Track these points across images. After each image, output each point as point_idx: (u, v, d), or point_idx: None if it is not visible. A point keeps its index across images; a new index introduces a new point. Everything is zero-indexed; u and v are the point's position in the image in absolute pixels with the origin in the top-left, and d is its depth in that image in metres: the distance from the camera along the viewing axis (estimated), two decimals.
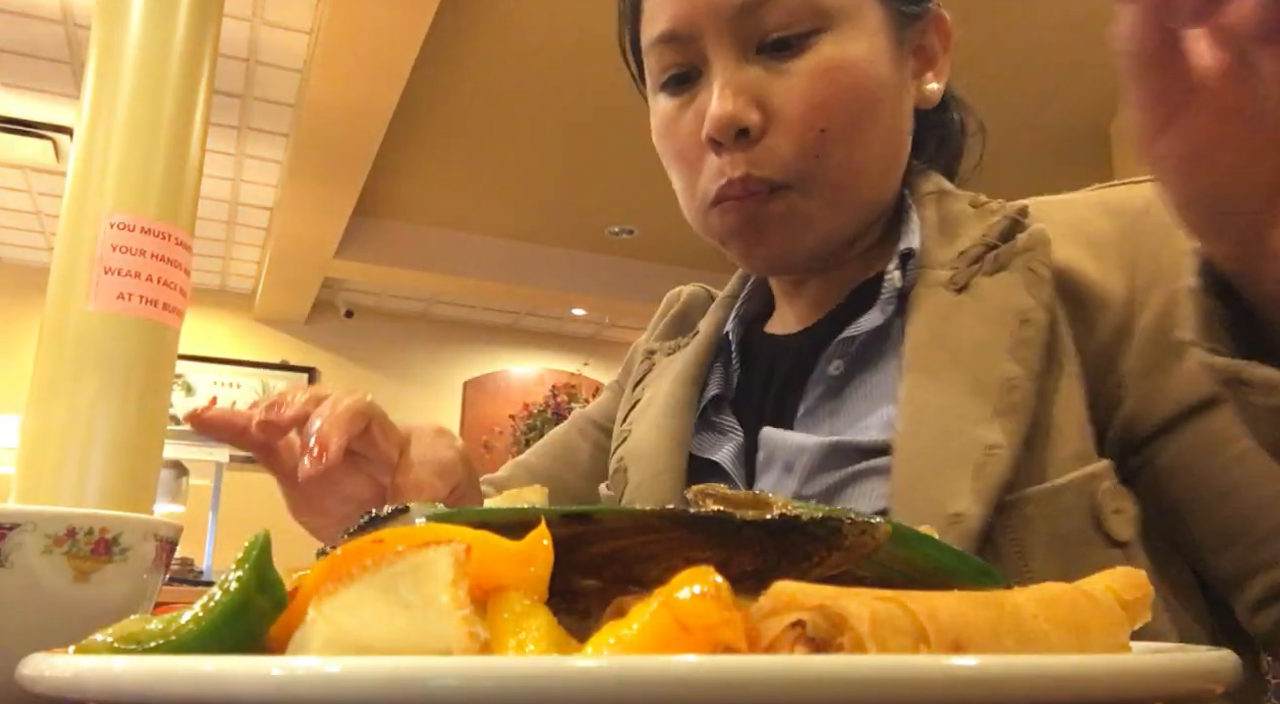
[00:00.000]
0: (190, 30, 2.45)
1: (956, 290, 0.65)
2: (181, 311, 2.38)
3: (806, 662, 0.20)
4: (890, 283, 0.67)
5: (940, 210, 0.71)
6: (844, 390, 0.67)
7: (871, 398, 0.65)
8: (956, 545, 0.50)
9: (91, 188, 2.30)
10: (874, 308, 0.67)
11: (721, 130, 0.65)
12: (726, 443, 0.72)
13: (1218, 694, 0.24)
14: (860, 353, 0.68)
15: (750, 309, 0.82)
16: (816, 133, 0.65)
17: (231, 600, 0.26)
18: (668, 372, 0.81)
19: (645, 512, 0.28)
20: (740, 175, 0.65)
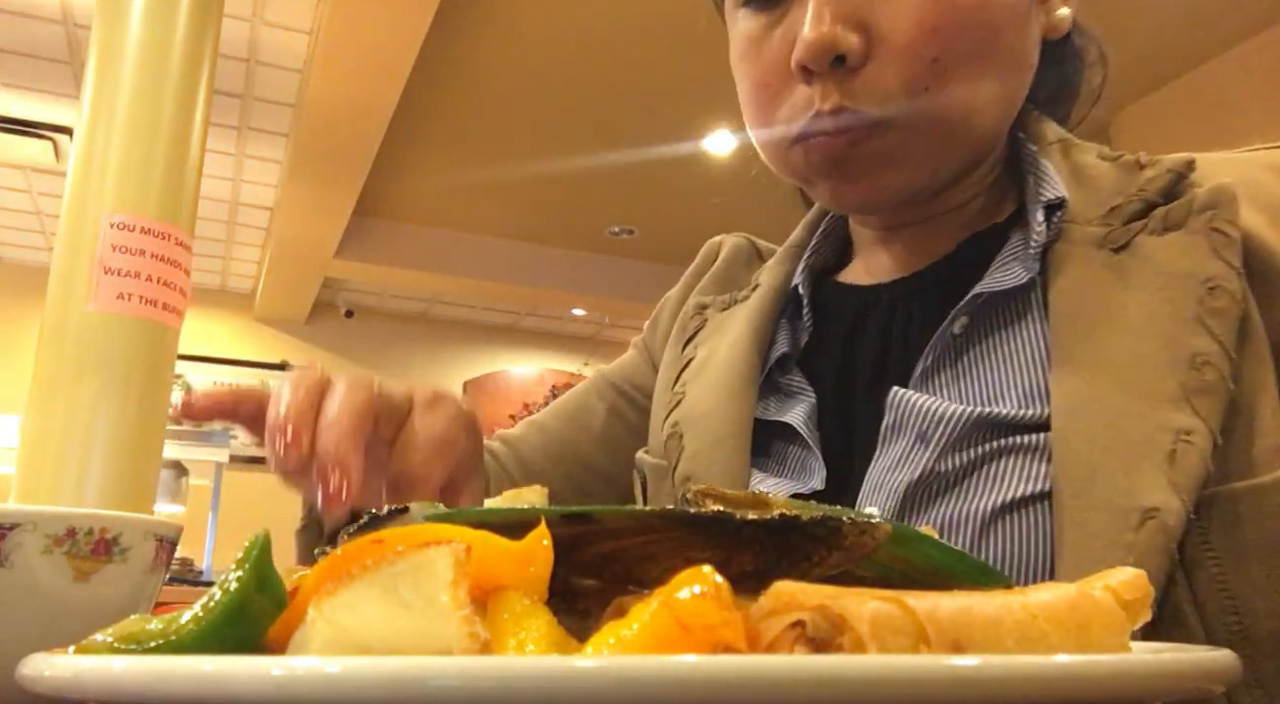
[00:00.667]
0: (190, 30, 2.45)
1: (1114, 250, 0.57)
2: (181, 311, 2.38)
3: (806, 662, 0.20)
4: (1038, 233, 0.59)
5: (1069, 160, 0.63)
6: (967, 352, 0.60)
7: (1006, 364, 0.58)
8: (1150, 544, 0.47)
9: (91, 188, 2.30)
10: (1011, 262, 0.60)
11: (816, 56, 0.56)
12: (796, 405, 0.66)
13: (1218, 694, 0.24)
14: (985, 311, 0.60)
15: (819, 260, 0.74)
16: (928, 62, 0.56)
17: (231, 600, 0.26)
18: (726, 329, 0.73)
19: (645, 512, 0.28)
20: (832, 107, 0.58)
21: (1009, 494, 0.53)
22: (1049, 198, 0.60)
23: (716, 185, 4.91)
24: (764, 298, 0.72)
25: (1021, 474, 0.53)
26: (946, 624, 0.23)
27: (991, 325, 0.60)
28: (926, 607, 0.23)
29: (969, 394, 0.58)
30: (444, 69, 3.99)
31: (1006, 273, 0.59)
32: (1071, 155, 0.64)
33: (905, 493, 0.56)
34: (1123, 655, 0.24)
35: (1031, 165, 0.64)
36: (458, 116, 4.44)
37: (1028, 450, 0.54)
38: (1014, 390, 0.57)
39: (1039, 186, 0.61)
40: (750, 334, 0.70)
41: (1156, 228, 0.56)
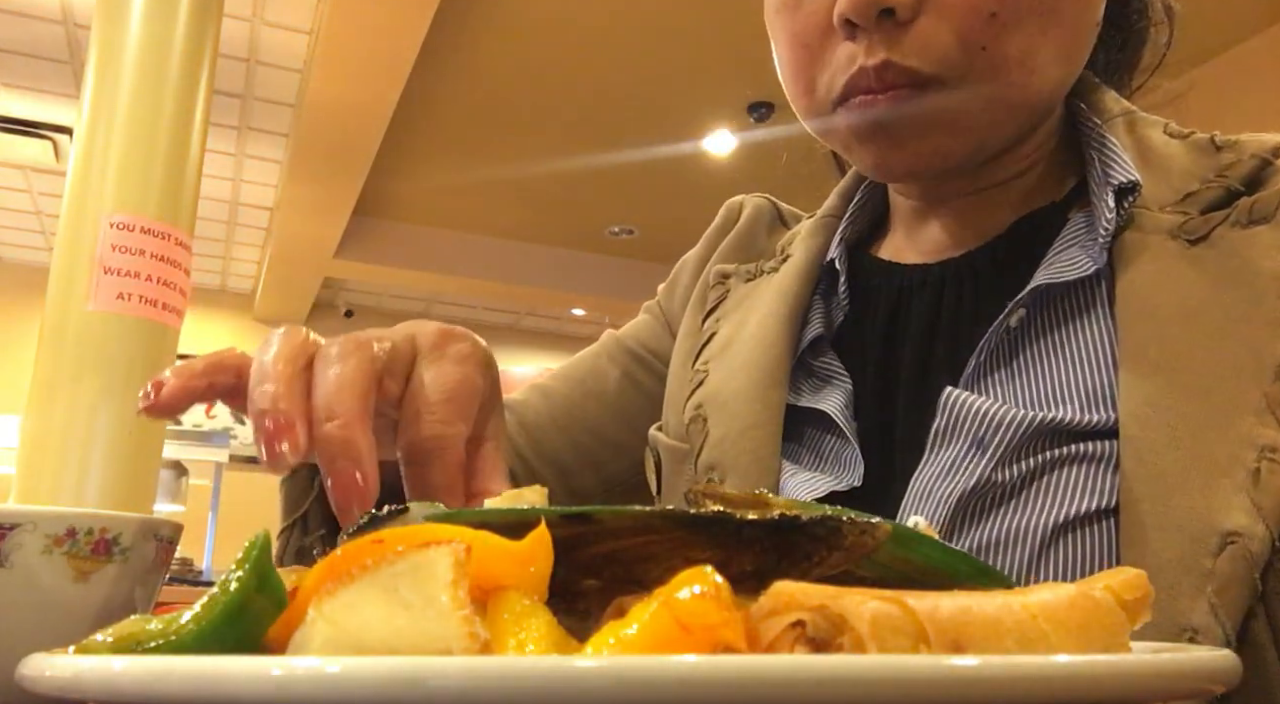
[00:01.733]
0: (190, 30, 2.45)
1: (1190, 242, 0.52)
2: (181, 311, 2.38)
3: (806, 662, 0.20)
4: (1108, 220, 0.54)
5: (1135, 137, 0.58)
6: (1025, 348, 0.55)
7: (1068, 363, 0.53)
8: (1231, 573, 0.43)
9: (91, 188, 2.30)
10: (1072, 249, 0.55)
11: (862, 7, 0.52)
12: (832, 391, 0.62)
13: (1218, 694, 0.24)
14: (1045, 303, 0.55)
15: (855, 232, 0.68)
16: (985, 18, 0.52)
17: (231, 600, 0.26)
18: (753, 303, 0.68)
19: (646, 512, 0.28)
20: (877, 63, 0.53)
21: (1072, 509, 0.49)
22: (1121, 180, 0.54)
23: (716, 185, 4.91)
24: (796, 272, 0.66)
25: (1086, 487, 0.49)
26: (946, 624, 0.23)
27: (1052, 319, 0.55)
28: (926, 607, 0.23)
29: (1027, 396, 0.53)
30: (444, 69, 3.99)
31: (1069, 262, 0.54)
32: (1138, 130, 0.59)
33: (958, 503, 0.51)
34: (1123, 655, 0.24)
35: (1095, 141, 0.59)
36: (458, 116, 4.44)
37: (1093, 460, 0.49)
38: (1078, 393, 0.52)
39: (1106, 167, 0.56)
40: (783, 312, 0.64)
41: (1241, 220, 0.51)
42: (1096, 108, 0.61)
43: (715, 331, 0.69)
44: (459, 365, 0.46)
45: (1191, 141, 0.57)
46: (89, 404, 2.19)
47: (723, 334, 0.68)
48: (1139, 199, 0.54)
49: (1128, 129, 0.59)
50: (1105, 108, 0.61)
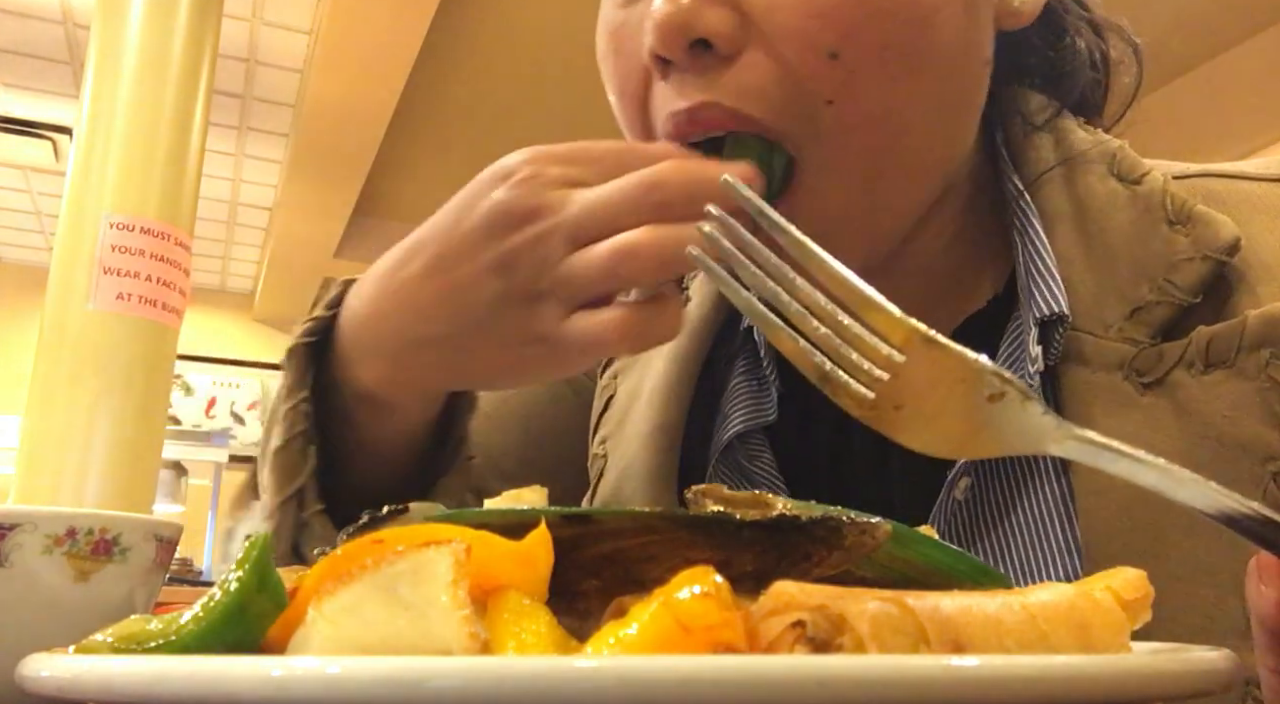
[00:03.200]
0: (190, 30, 2.45)
1: (1144, 386, 0.43)
2: (181, 312, 2.38)
3: (806, 662, 0.20)
4: (1033, 369, 0.45)
5: (1073, 197, 0.48)
6: (979, 526, 0.47)
7: (1026, 546, 0.45)
8: None
9: (91, 188, 2.30)
10: None
11: (669, 38, 0.42)
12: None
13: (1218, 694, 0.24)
14: (996, 462, 0.47)
15: None
16: (823, 58, 0.41)
17: (231, 600, 0.26)
18: (648, 361, 0.57)
19: (646, 513, 0.28)
20: (691, 105, 0.43)
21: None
22: (1044, 312, 0.45)
23: None
24: (693, 329, 0.55)
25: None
26: (946, 624, 0.23)
27: (1001, 487, 0.47)
28: (926, 607, 0.23)
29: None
30: (444, 69, 3.99)
31: None
32: (1077, 184, 0.48)
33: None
34: (1123, 655, 0.24)
35: (1019, 217, 0.48)
36: (458, 116, 4.44)
37: None
38: (1050, 570, 0.44)
39: (1031, 277, 0.46)
40: (675, 383, 0.54)
41: (1198, 362, 0.43)
42: (1025, 164, 0.50)
43: (613, 393, 0.59)
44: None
45: (1144, 193, 0.47)
46: (89, 404, 2.19)
47: (620, 400, 0.58)
48: (1078, 318, 0.45)
49: (1065, 182, 0.48)
50: (1035, 161, 0.50)
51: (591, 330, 0.39)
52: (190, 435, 4.37)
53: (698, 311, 0.56)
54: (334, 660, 0.20)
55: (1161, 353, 0.44)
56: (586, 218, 0.39)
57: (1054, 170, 0.49)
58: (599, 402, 0.60)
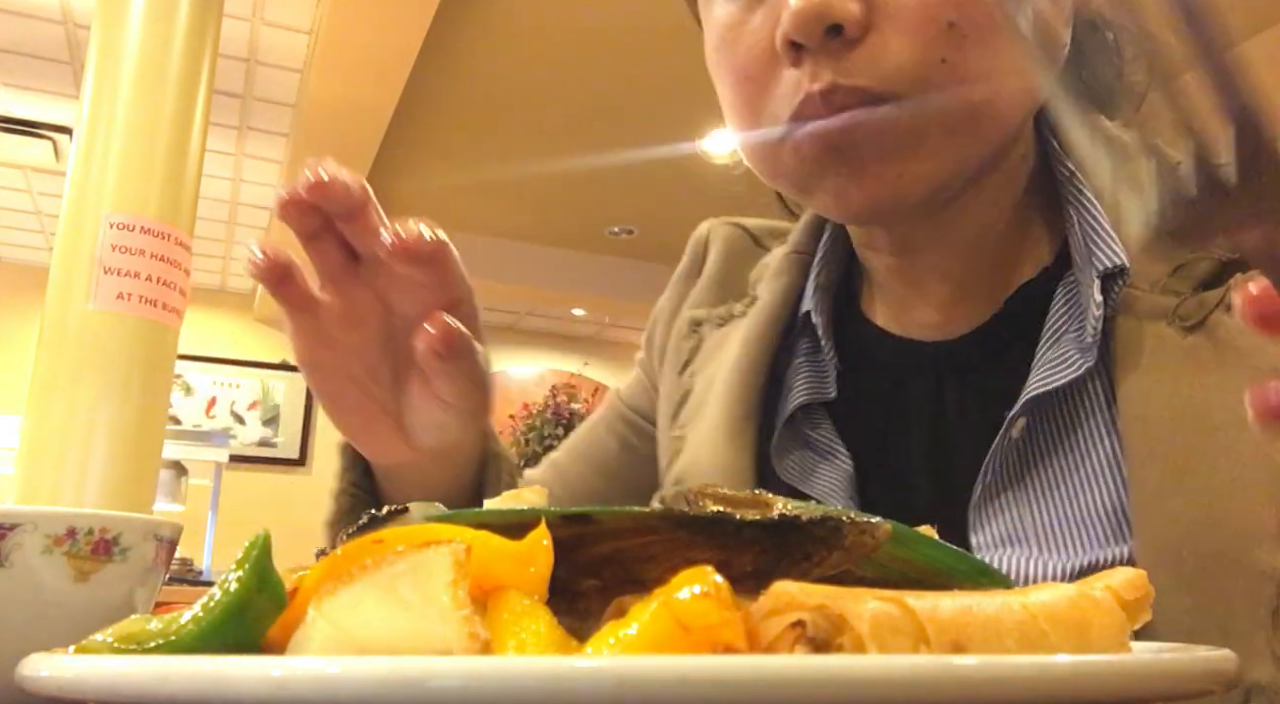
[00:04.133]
0: (190, 30, 2.45)
1: (1186, 328, 0.48)
2: (181, 311, 2.38)
3: (806, 662, 0.20)
4: (1096, 316, 0.49)
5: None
6: (1034, 463, 0.51)
7: (1079, 481, 0.50)
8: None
9: (91, 188, 2.30)
10: (1064, 339, 0.51)
11: (805, 25, 0.47)
12: (830, 470, 0.57)
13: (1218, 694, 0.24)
14: (1049, 407, 0.51)
15: (831, 275, 0.62)
16: (942, 27, 0.47)
17: (231, 600, 0.26)
18: (722, 355, 0.63)
19: (645, 512, 0.28)
20: (823, 87, 0.48)
21: None
22: (1106, 265, 0.50)
23: (716, 185, 4.91)
24: (764, 317, 0.61)
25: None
26: (946, 624, 0.23)
27: (1055, 428, 0.51)
28: (926, 607, 0.23)
29: (1041, 521, 0.50)
30: (444, 69, 3.99)
31: (1060, 360, 0.50)
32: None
33: None
34: (1123, 655, 0.24)
35: (1073, 195, 0.54)
36: (458, 116, 4.44)
37: None
38: (1093, 521, 0.48)
39: (1088, 237, 0.51)
40: (749, 367, 0.60)
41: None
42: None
43: (690, 388, 0.65)
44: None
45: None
46: (89, 404, 2.19)
47: (697, 391, 0.64)
48: (1131, 276, 0.50)
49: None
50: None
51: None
52: (190, 435, 4.37)
53: (768, 306, 0.62)
54: (334, 660, 0.20)
55: (1202, 300, 0.49)
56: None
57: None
58: (673, 401, 0.66)
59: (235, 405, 6.22)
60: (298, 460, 6.19)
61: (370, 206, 0.45)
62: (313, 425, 6.26)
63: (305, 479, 6.13)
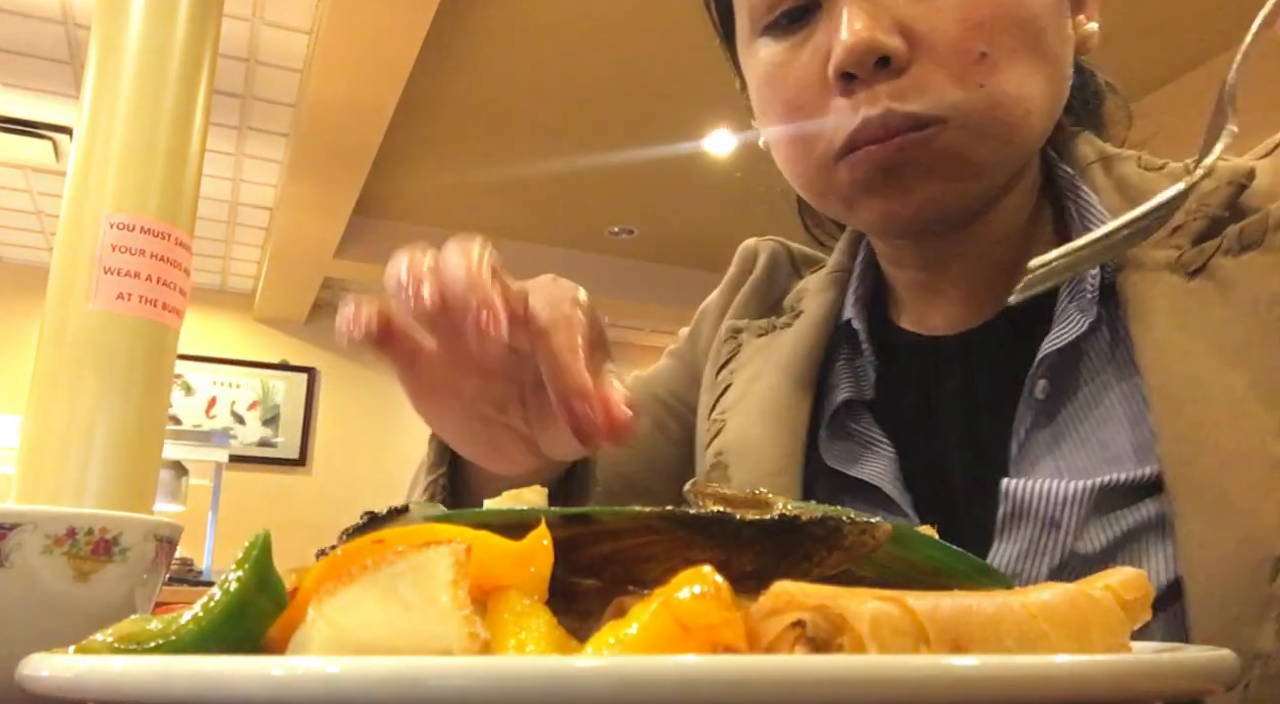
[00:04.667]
0: (190, 30, 2.45)
1: (1189, 274, 0.54)
2: (181, 311, 2.38)
3: (807, 662, 0.20)
4: (1093, 274, 0.56)
5: (1112, 178, 0.61)
6: (1060, 414, 0.57)
7: (1104, 419, 0.55)
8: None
9: (91, 188, 2.29)
10: (1068, 306, 0.57)
11: (859, 57, 0.53)
12: (874, 459, 0.62)
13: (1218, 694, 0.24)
14: (1064, 365, 0.57)
15: (865, 291, 0.69)
16: (976, 57, 0.53)
17: (231, 600, 0.26)
18: (765, 359, 0.69)
19: (645, 512, 0.28)
20: (881, 111, 0.54)
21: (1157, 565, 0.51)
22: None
23: (716, 185, 4.90)
24: (810, 327, 0.68)
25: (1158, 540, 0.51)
26: (946, 624, 0.23)
27: (1075, 380, 0.57)
28: (926, 607, 0.23)
29: (1076, 464, 0.55)
30: (444, 69, 3.99)
31: (1066, 323, 0.56)
32: (1113, 171, 0.61)
33: (1050, 580, 0.52)
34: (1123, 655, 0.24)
35: (1070, 191, 0.61)
36: (458, 116, 4.44)
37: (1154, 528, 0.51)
38: (1124, 449, 0.54)
39: (1084, 218, 0.59)
40: (798, 367, 0.66)
41: (1232, 247, 0.54)
42: (1070, 156, 0.63)
43: (730, 384, 0.70)
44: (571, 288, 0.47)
45: (1167, 173, 0.59)
46: (89, 404, 2.19)
47: (737, 387, 0.70)
48: None
49: (1103, 172, 0.61)
50: (1079, 155, 0.63)
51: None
52: (190, 435, 4.37)
53: (814, 317, 0.68)
54: (334, 660, 0.20)
55: (1201, 250, 0.54)
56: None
57: (1094, 164, 0.62)
58: (711, 395, 0.72)
59: (235, 405, 6.22)
60: (298, 460, 6.18)
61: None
62: (313, 425, 6.26)
63: (305, 479, 6.14)
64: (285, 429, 6.24)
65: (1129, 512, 0.52)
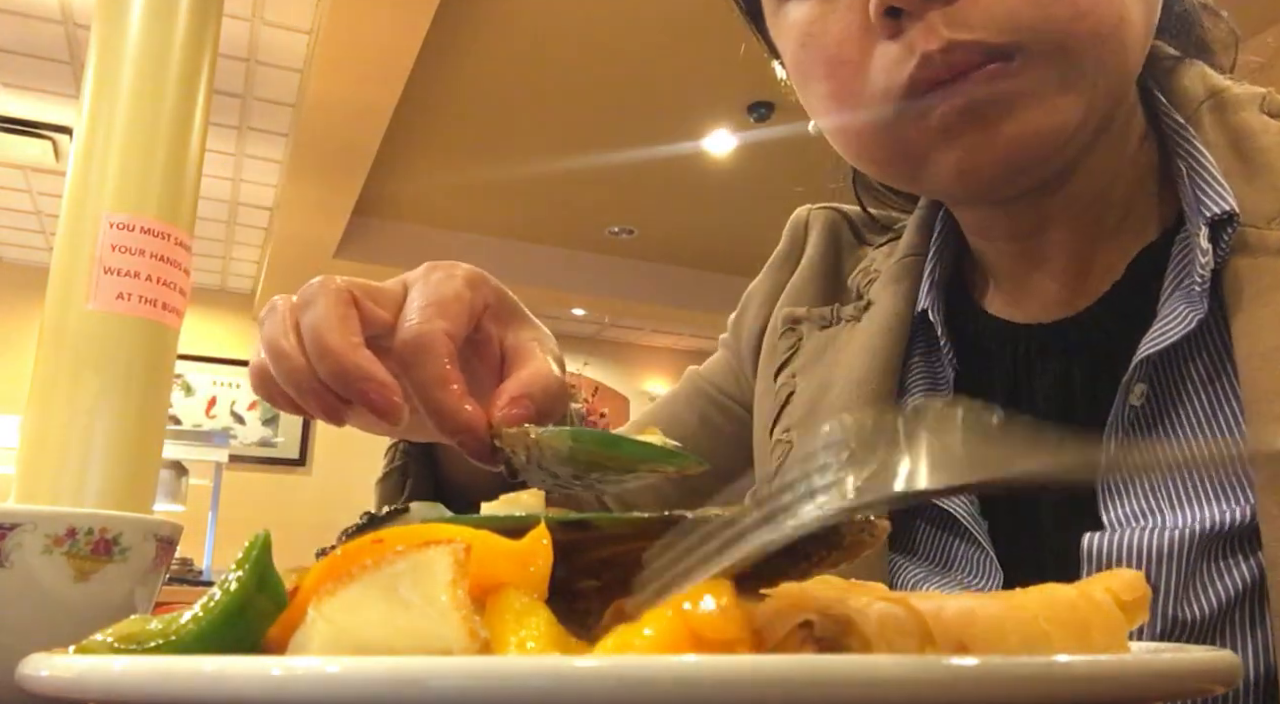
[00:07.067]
0: (190, 30, 2.45)
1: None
2: (181, 311, 2.38)
3: (807, 661, 0.20)
4: (1203, 264, 0.46)
5: (1226, 128, 0.51)
6: (1158, 425, 0.48)
7: (1205, 439, 0.47)
8: None
9: (91, 188, 2.29)
10: (1174, 296, 0.48)
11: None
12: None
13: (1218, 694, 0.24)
14: (1168, 368, 0.48)
15: (944, 272, 0.59)
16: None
17: (231, 600, 0.25)
18: (835, 359, 0.60)
19: (645, 518, 0.28)
20: (941, 45, 0.45)
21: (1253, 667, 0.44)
22: (1214, 211, 0.47)
23: (716, 185, 4.90)
24: (884, 327, 0.58)
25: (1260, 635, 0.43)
26: (951, 625, 0.23)
27: (1177, 386, 0.48)
28: (931, 608, 0.23)
29: (1179, 494, 0.47)
30: (444, 69, 3.99)
31: (1173, 316, 0.47)
32: (1229, 116, 0.51)
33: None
34: (1123, 655, 0.24)
35: (1183, 147, 0.51)
36: (458, 116, 4.44)
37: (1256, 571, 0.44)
38: (1231, 480, 0.45)
39: (1198, 187, 0.49)
40: (874, 377, 0.57)
41: None
42: (1177, 95, 0.53)
43: (793, 390, 0.62)
44: (442, 279, 0.47)
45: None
46: (89, 404, 2.19)
47: (803, 395, 0.61)
48: (1243, 217, 0.47)
49: (1217, 117, 0.51)
50: (1187, 93, 0.53)
51: None
52: (190, 435, 4.37)
53: (887, 315, 0.59)
54: (334, 660, 0.20)
55: None
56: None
57: (1204, 105, 0.52)
58: (773, 401, 0.63)
59: (235, 405, 6.22)
60: (298, 460, 6.19)
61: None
62: (313, 425, 6.26)
63: (305, 479, 6.14)
64: (285, 429, 6.24)
65: (1230, 572, 0.44)
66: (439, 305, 0.45)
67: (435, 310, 0.44)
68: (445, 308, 0.45)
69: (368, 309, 0.44)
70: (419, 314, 0.44)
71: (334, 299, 0.42)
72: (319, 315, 0.42)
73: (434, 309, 0.44)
